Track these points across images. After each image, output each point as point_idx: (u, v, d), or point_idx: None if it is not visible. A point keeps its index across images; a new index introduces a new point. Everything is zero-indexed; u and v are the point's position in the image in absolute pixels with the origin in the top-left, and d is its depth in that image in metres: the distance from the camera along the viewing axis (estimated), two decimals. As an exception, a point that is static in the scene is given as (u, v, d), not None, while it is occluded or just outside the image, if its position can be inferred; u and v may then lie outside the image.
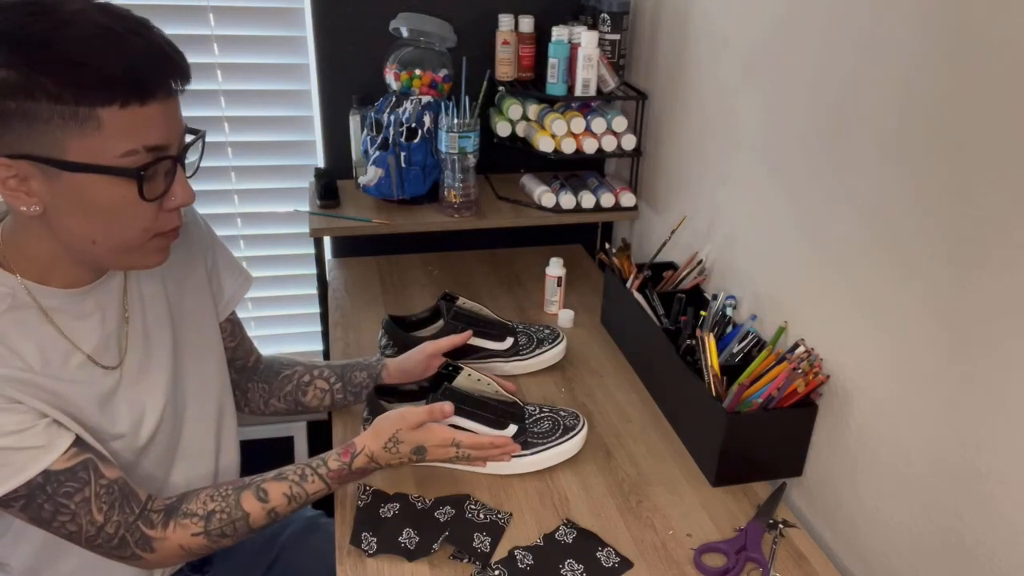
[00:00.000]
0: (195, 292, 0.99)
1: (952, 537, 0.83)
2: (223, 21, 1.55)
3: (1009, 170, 0.72)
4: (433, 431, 0.96)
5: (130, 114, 0.70)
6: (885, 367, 0.91)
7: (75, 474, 0.79)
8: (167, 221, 0.80)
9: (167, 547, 0.85)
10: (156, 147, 0.73)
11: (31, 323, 0.79)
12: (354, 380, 1.12)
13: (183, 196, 0.78)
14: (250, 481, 0.90)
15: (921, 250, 0.84)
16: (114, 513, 0.81)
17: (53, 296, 0.81)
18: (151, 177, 0.75)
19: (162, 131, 0.73)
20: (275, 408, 1.13)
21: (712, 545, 0.95)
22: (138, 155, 0.72)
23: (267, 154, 1.68)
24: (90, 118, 0.68)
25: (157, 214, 0.78)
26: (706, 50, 1.30)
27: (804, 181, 1.04)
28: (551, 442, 1.05)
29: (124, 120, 0.70)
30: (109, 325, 0.86)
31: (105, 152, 0.71)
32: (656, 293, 1.30)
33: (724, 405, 1.02)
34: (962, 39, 0.76)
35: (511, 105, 1.55)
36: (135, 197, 0.74)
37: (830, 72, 0.97)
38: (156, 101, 0.71)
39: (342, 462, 0.93)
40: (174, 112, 0.75)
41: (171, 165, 0.76)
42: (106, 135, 0.70)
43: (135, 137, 0.71)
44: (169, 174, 0.77)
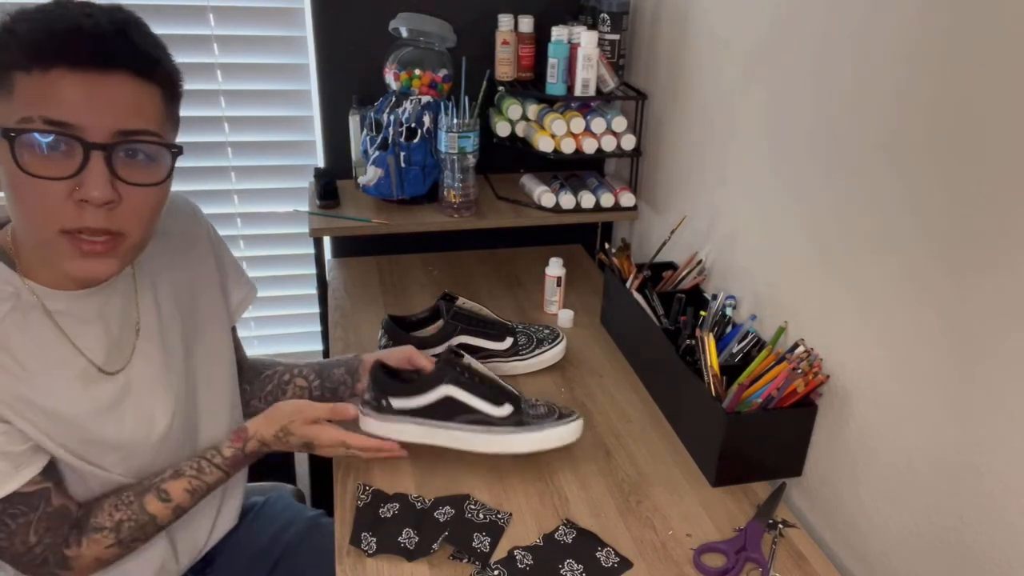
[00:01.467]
0: (208, 298, 0.99)
1: (952, 537, 0.83)
2: (223, 21, 1.55)
3: (1010, 170, 0.72)
4: (324, 431, 0.94)
5: (34, 80, 0.68)
6: (885, 367, 0.91)
7: (29, 500, 0.79)
8: (73, 215, 0.71)
9: (83, 563, 0.84)
10: (58, 122, 0.68)
11: (35, 325, 0.78)
12: (332, 376, 1.11)
13: (91, 188, 0.70)
14: (149, 483, 0.88)
15: (921, 250, 0.84)
16: (47, 536, 0.81)
17: (57, 298, 0.80)
18: (39, 149, 0.69)
19: (70, 107, 0.68)
20: (255, 409, 1.09)
21: (712, 545, 0.95)
22: (32, 123, 0.68)
23: (267, 154, 1.68)
24: (4, 81, 0.68)
25: (62, 203, 0.71)
26: (706, 50, 1.30)
27: (804, 181, 1.04)
28: (547, 424, 1.03)
29: (28, 85, 0.68)
30: (114, 330, 0.85)
31: (9, 117, 0.69)
32: (656, 293, 1.30)
33: (724, 405, 1.02)
34: (961, 38, 0.76)
35: (511, 105, 1.55)
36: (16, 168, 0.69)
37: (830, 72, 0.97)
38: (62, 69, 0.67)
39: (235, 448, 0.93)
40: (101, 94, 0.69)
41: (81, 150, 0.69)
42: (14, 101, 0.68)
43: (34, 105, 0.68)
44: (82, 161, 0.70)
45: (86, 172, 0.70)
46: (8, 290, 0.77)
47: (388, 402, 1.02)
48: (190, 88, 0.76)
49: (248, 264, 1.79)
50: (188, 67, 0.74)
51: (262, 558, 1.11)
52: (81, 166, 0.70)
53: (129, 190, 0.73)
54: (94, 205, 0.71)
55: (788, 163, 1.08)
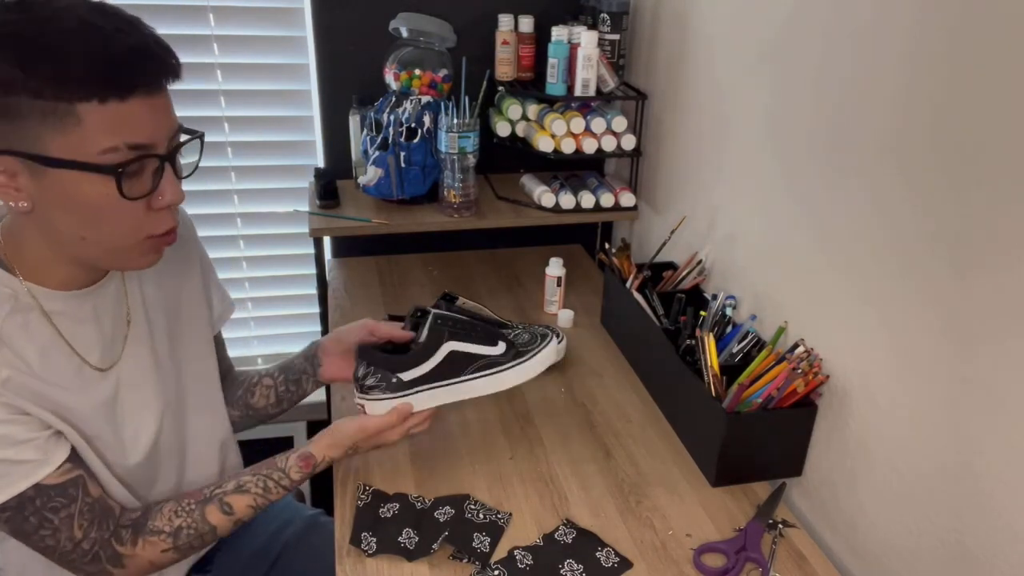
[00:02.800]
0: (192, 299, 0.99)
1: (951, 537, 0.83)
2: (223, 21, 1.55)
3: (1011, 170, 0.72)
4: (389, 437, 0.96)
5: (110, 110, 0.68)
6: (885, 367, 0.91)
7: (65, 490, 0.80)
8: (158, 221, 0.78)
9: (137, 564, 0.86)
10: (139, 145, 0.72)
11: (34, 326, 0.79)
12: (294, 368, 1.10)
13: (171, 195, 0.76)
14: (211, 494, 0.90)
15: (921, 250, 0.84)
16: (92, 530, 0.82)
17: (54, 299, 0.80)
18: (133, 175, 0.73)
19: (145, 128, 0.72)
20: (231, 417, 1.08)
21: (712, 545, 0.95)
22: (119, 152, 0.70)
23: (267, 154, 1.68)
24: (69, 114, 0.67)
25: (146, 213, 0.76)
26: (706, 50, 1.30)
27: (804, 181, 1.04)
28: (537, 347, 1.03)
29: (104, 116, 0.68)
30: (107, 328, 0.86)
31: (85, 149, 0.69)
32: (656, 293, 1.30)
33: (724, 405, 1.02)
34: (964, 37, 0.76)
35: (511, 105, 1.55)
36: (117, 195, 0.72)
37: (830, 72, 0.97)
38: (137, 97, 0.70)
39: (304, 473, 0.94)
40: (161, 109, 0.73)
41: (158, 164, 0.74)
42: (86, 131, 0.68)
43: (115, 134, 0.70)
44: (157, 173, 0.75)
45: (163, 183, 0.76)
46: (6, 292, 0.77)
47: (398, 378, 1.00)
48: (190, 88, 0.77)
49: (248, 264, 1.79)
50: (188, 67, 0.75)
51: (261, 557, 1.11)
52: (157, 178, 0.75)
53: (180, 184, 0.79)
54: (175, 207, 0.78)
55: (788, 163, 1.08)
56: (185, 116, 0.78)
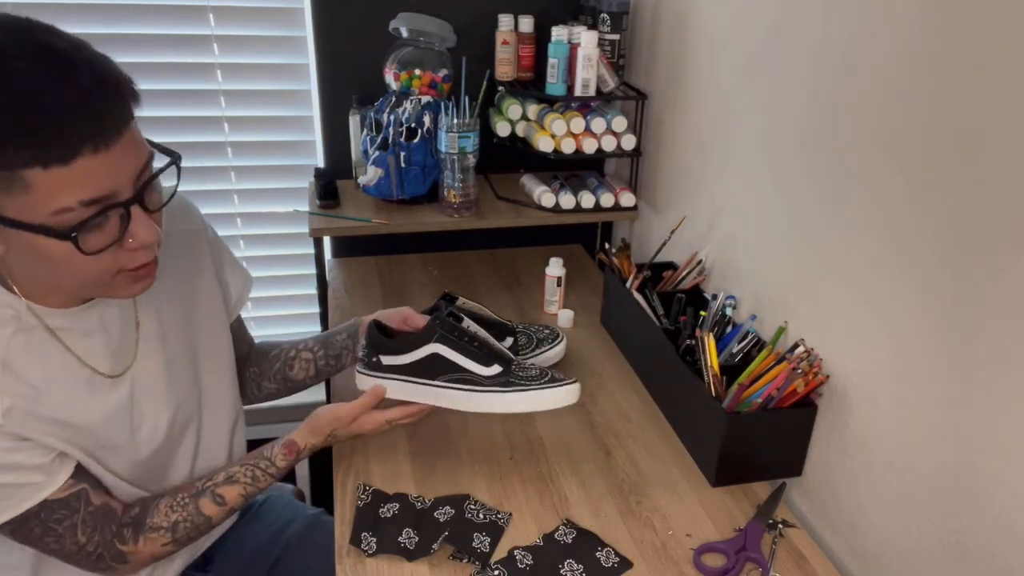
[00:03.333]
0: (208, 298, 1.00)
1: (952, 537, 0.83)
2: (223, 21, 1.55)
3: (1010, 170, 0.72)
4: (366, 422, 0.97)
5: (56, 174, 0.64)
6: (885, 367, 0.91)
7: (68, 503, 0.82)
8: (131, 259, 0.75)
9: (140, 559, 0.89)
10: (95, 199, 0.67)
11: (38, 344, 0.79)
12: (335, 344, 1.13)
13: (144, 236, 0.73)
14: (203, 487, 0.93)
15: (921, 250, 0.84)
16: (96, 535, 0.85)
17: (57, 315, 0.80)
18: (95, 228, 0.69)
19: (101, 182, 0.67)
20: (267, 391, 1.14)
21: (712, 545, 0.95)
22: (73, 212, 0.66)
23: (267, 154, 1.68)
24: (15, 180, 0.64)
25: (116, 254, 0.73)
26: (705, 50, 1.30)
27: (804, 181, 1.04)
28: (533, 385, 1.01)
29: (51, 180, 0.64)
30: (115, 337, 0.86)
31: (37, 211, 0.66)
32: (656, 293, 1.30)
33: (724, 405, 1.02)
34: (960, 38, 0.76)
35: (511, 105, 1.55)
36: (79, 254, 0.69)
37: (830, 72, 0.97)
38: (83, 158, 0.65)
39: (289, 460, 0.96)
40: (118, 156, 0.68)
41: (123, 210, 0.70)
42: (35, 195, 0.65)
43: (67, 194, 0.66)
44: (124, 218, 0.71)
45: (132, 225, 0.72)
46: (8, 313, 0.77)
47: (379, 359, 1.02)
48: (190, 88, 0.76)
49: (248, 264, 1.78)
50: (188, 67, 0.74)
51: (261, 556, 1.11)
52: (125, 224, 0.72)
53: (156, 216, 0.77)
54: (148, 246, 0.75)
55: (788, 163, 1.08)
56: (185, 116, 0.77)
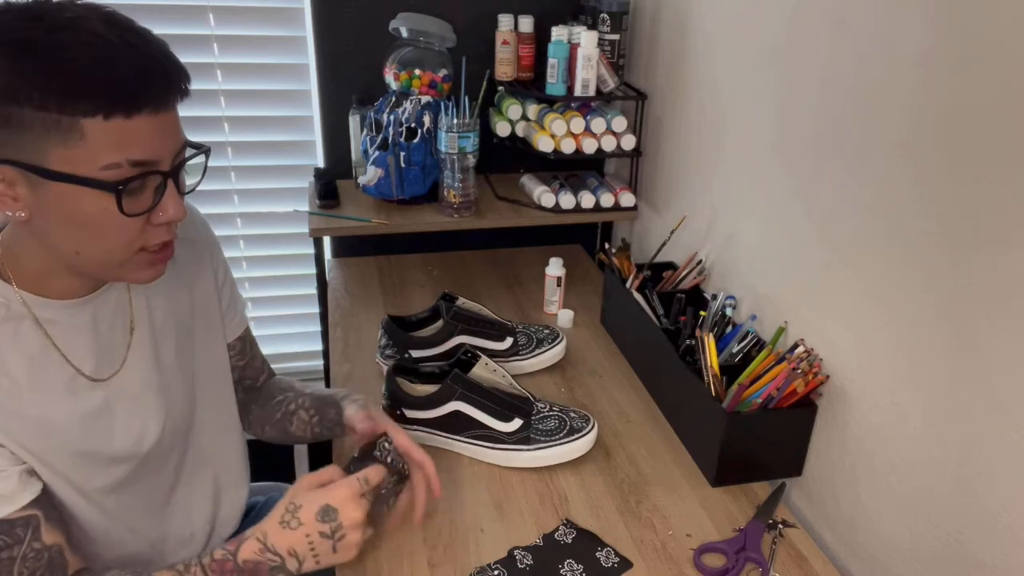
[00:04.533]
0: (205, 306, 0.98)
1: (952, 538, 0.83)
2: (223, 21, 1.55)
3: (1015, 171, 0.72)
4: (336, 486, 0.81)
5: (114, 127, 0.67)
6: (885, 367, 0.91)
7: (12, 529, 0.75)
8: (154, 236, 0.76)
9: None
10: (142, 162, 0.70)
11: (25, 335, 0.78)
12: (327, 416, 1.03)
13: (173, 212, 0.75)
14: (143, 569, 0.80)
15: (923, 250, 0.84)
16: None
17: (49, 307, 0.79)
18: (135, 191, 0.72)
19: (150, 146, 0.70)
20: (270, 436, 1.08)
21: (712, 545, 0.95)
22: (120, 168, 0.69)
23: (267, 154, 1.68)
24: (73, 128, 0.66)
25: (144, 228, 0.75)
26: (706, 50, 1.30)
27: (805, 181, 1.05)
28: (553, 441, 1.05)
29: (108, 132, 0.67)
30: (105, 337, 0.85)
31: (87, 163, 0.68)
32: (656, 293, 1.30)
33: (724, 405, 1.02)
34: (972, 35, 0.76)
35: (510, 105, 1.55)
36: (116, 211, 0.71)
37: (831, 72, 0.97)
38: (144, 115, 0.68)
39: (226, 551, 0.79)
40: (168, 126, 0.72)
41: (160, 180, 0.73)
42: (89, 146, 0.67)
43: (118, 150, 0.68)
44: (159, 189, 0.74)
45: (164, 199, 0.74)
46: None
47: (402, 412, 1.07)
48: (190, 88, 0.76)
49: (248, 264, 1.79)
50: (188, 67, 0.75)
51: None
52: (159, 194, 0.74)
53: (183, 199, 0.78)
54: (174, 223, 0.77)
55: (788, 163, 1.08)
56: (185, 116, 0.77)
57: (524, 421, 1.05)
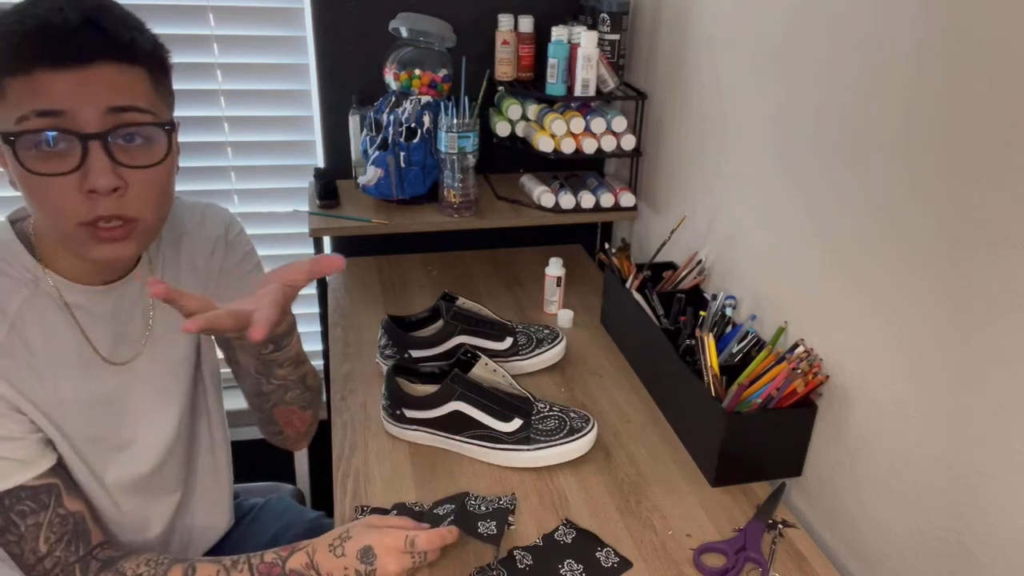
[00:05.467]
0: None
1: (952, 538, 0.83)
2: (223, 21, 1.55)
3: (1015, 171, 0.72)
4: (387, 533, 0.83)
5: (23, 81, 0.69)
6: (885, 367, 0.91)
7: (37, 495, 0.77)
8: (88, 207, 0.72)
9: None
10: (48, 111, 0.69)
11: (48, 312, 0.80)
12: None
13: (95, 180, 0.71)
14: (187, 559, 0.84)
15: (922, 250, 0.84)
16: (58, 548, 0.78)
17: (73, 290, 0.82)
18: (43, 149, 0.70)
19: (56, 98, 0.69)
20: None
21: (711, 545, 0.95)
22: (29, 121, 0.69)
23: (267, 154, 1.68)
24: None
25: (74, 197, 0.72)
26: (706, 50, 1.30)
27: (804, 181, 1.04)
28: (553, 441, 1.05)
29: (19, 87, 0.69)
30: (125, 327, 0.87)
31: (7, 120, 0.70)
32: (656, 293, 1.30)
33: (723, 405, 1.02)
34: (970, 36, 0.76)
35: (510, 105, 1.55)
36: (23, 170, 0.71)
37: (832, 72, 0.97)
38: (44, 69, 0.68)
39: (278, 555, 0.83)
40: (88, 85, 0.70)
41: (80, 142, 0.70)
42: (8, 103, 0.70)
43: (25, 103, 0.69)
44: (82, 153, 0.71)
45: (88, 163, 0.71)
46: (28, 277, 0.80)
47: (402, 412, 1.07)
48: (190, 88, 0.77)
49: (248, 264, 1.79)
50: (188, 67, 0.75)
51: None
52: (82, 158, 0.71)
53: (132, 174, 0.74)
54: (102, 194, 0.72)
55: (788, 163, 1.08)
56: (186, 116, 0.78)
57: (524, 421, 1.05)
